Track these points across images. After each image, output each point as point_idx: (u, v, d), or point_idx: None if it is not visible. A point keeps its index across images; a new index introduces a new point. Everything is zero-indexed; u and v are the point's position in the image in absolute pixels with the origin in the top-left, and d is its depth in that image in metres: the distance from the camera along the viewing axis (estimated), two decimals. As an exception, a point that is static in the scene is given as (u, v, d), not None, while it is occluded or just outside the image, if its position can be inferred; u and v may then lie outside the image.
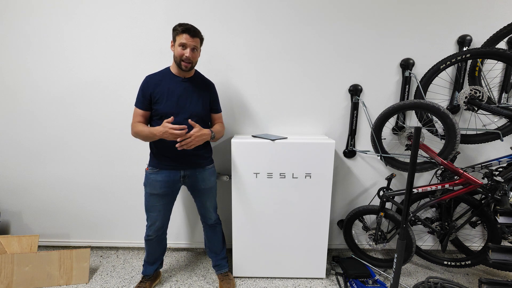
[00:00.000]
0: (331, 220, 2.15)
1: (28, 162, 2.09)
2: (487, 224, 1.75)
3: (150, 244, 1.71)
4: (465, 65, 1.86)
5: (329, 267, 2.00)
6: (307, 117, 2.03)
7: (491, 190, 1.63)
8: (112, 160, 2.08)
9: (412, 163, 1.23)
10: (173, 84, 1.53)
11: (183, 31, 1.43)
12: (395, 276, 1.35)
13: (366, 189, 2.14)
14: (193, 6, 1.87)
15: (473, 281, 1.88)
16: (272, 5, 1.87)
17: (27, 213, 2.18)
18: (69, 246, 2.23)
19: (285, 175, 1.74)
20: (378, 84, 1.97)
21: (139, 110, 1.53)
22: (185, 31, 1.43)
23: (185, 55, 1.45)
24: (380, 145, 1.90)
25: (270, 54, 1.94)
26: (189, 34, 1.44)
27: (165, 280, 1.88)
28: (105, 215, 2.18)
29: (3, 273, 1.73)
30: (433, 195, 1.82)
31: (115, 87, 1.97)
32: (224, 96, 1.97)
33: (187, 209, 2.16)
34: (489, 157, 2.01)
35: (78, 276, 1.83)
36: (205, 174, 1.66)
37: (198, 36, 1.48)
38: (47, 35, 1.91)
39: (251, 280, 1.89)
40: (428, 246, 2.20)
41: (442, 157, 1.68)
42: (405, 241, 1.33)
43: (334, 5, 1.87)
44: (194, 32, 1.46)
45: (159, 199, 1.62)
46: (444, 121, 1.63)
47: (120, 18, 1.89)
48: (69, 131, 2.04)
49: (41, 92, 1.99)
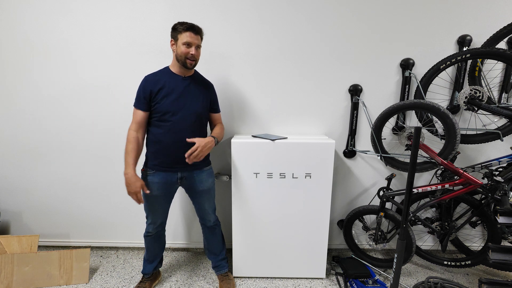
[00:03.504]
0: (331, 220, 2.15)
1: (28, 162, 2.09)
2: (487, 224, 1.75)
3: (150, 241, 1.72)
4: (465, 65, 1.86)
5: (329, 267, 2.00)
6: (307, 117, 2.03)
7: (491, 190, 1.63)
8: (112, 160, 2.08)
9: (412, 163, 1.23)
10: (174, 83, 1.52)
11: (186, 29, 1.44)
12: (395, 276, 1.35)
13: (366, 189, 2.14)
14: (193, 6, 1.87)
15: (473, 281, 1.88)
16: (272, 5, 1.87)
17: (27, 213, 2.18)
18: (69, 246, 2.23)
19: (285, 175, 1.74)
20: (378, 84, 1.97)
21: (139, 111, 1.52)
22: (189, 29, 1.44)
23: (190, 53, 1.46)
24: (380, 145, 1.90)
25: (270, 54, 1.94)
26: (193, 32, 1.45)
27: (165, 280, 1.88)
28: (105, 215, 2.18)
29: (3, 273, 1.73)
30: (433, 195, 1.82)
31: (115, 87, 1.97)
32: (224, 96, 1.97)
33: (184, 209, 2.16)
34: (489, 157, 2.01)
35: (78, 276, 1.83)
36: (203, 176, 1.65)
37: (200, 33, 1.50)
38: (47, 35, 1.91)
39: (251, 280, 1.89)
40: (428, 246, 2.20)
41: (442, 157, 1.68)
42: (405, 241, 1.33)
43: (335, 5, 1.87)
44: (197, 29, 1.48)
45: (157, 199, 1.61)
46: (444, 121, 1.63)
47: (120, 18, 1.89)
48: (69, 131, 2.04)
49: (41, 92, 1.99)
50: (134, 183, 1.48)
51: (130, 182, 1.48)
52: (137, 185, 1.48)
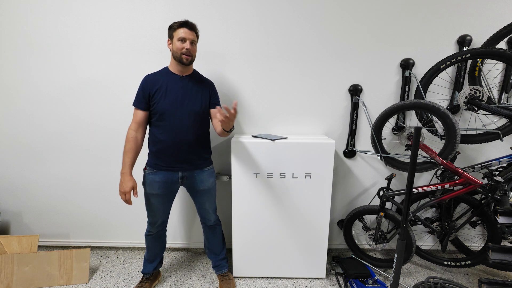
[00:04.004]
0: (331, 220, 2.15)
1: (28, 162, 2.09)
2: (487, 224, 1.75)
3: (150, 240, 1.72)
4: (465, 65, 1.86)
5: (329, 267, 2.00)
6: (307, 117, 2.03)
7: (491, 190, 1.63)
8: (112, 160, 2.08)
9: (412, 163, 1.23)
10: (172, 82, 1.53)
11: (180, 25, 1.47)
12: (395, 276, 1.35)
13: (366, 189, 2.14)
14: (193, 6, 1.87)
15: (473, 281, 1.88)
16: (272, 5, 1.87)
17: (27, 213, 2.18)
18: (69, 246, 2.23)
19: (285, 175, 1.74)
20: (378, 84, 1.97)
21: (139, 111, 1.53)
22: (183, 25, 1.47)
23: (185, 47, 1.47)
24: (380, 145, 1.90)
25: (270, 53, 1.94)
26: (187, 28, 1.48)
27: (165, 280, 1.88)
28: (105, 215, 2.18)
29: (3, 273, 1.73)
30: (433, 195, 1.82)
31: (115, 87, 1.97)
32: (224, 96, 1.97)
33: (184, 209, 2.16)
34: (489, 157, 2.01)
35: (78, 276, 1.83)
36: (204, 175, 1.65)
37: (194, 30, 1.52)
38: (47, 35, 1.91)
39: (251, 280, 1.89)
40: (428, 246, 2.20)
41: (442, 157, 1.68)
42: (405, 241, 1.33)
43: (334, 5, 1.87)
44: (191, 25, 1.50)
45: (158, 198, 1.62)
46: (444, 121, 1.63)
47: (120, 18, 1.89)
48: (69, 131, 2.04)
49: (41, 92, 1.99)
50: (126, 183, 1.51)
51: (122, 181, 1.51)
52: (128, 185, 1.51)
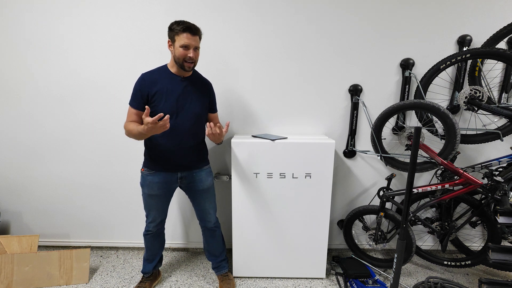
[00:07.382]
0: (331, 220, 2.15)
1: (28, 162, 2.09)
2: (487, 224, 1.75)
3: (150, 239, 1.72)
4: (465, 65, 1.86)
5: (329, 267, 2.00)
6: (307, 117, 2.03)
7: (491, 190, 1.63)
8: (112, 160, 2.08)
9: (412, 163, 1.23)
10: (172, 84, 1.49)
11: (183, 30, 1.37)
12: (395, 276, 1.35)
13: (366, 189, 2.14)
14: (193, 6, 1.87)
15: (473, 281, 1.88)
16: (272, 5, 1.87)
17: (27, 213, 2.18)
18: (69, 246, 2.23)
19: (285, 175, 1.74)
20: (378, 84, 1.97)
21: (134, 110, 1.48)
22: (186, 30, 1.37)
23: (188, 55, 1.41)
24: (380, 145, 1.90)
25: (270, 53, 1.94)
26: (191, 33, 1.38)
27: (165, 280, 1.88)
28: (105, 215, 2.18)
29: (3, 273, 1.73)
30: (433, 195, 1.82)
31: (115, 88, 1.97)
32: (223, 96, 1.97)
33: (182, 209, 2.16)
34: (489, 157, 2.01)
35: (78, 276, 1.83)
36: (202, 175, 1.65)
37: (198, 34, 1.43)
38: (47, 35, 1.91)
39: (251, 280, 1.89)
40: (428, 246, 2.20)
41: (442, 157, 1.68)
42: (405, 241, 1.33)
43: (335, 5, 1.87)
44: (195, 30, 1.40)
45: (158, 198, 1.62)
46: (444, 121, 1.63)
47: (120, 18, 1.89)
48: (69, 131, 2.04)
49: (41, 92, 1.99)
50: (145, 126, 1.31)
51: (144, 130, 1.32)
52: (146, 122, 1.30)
